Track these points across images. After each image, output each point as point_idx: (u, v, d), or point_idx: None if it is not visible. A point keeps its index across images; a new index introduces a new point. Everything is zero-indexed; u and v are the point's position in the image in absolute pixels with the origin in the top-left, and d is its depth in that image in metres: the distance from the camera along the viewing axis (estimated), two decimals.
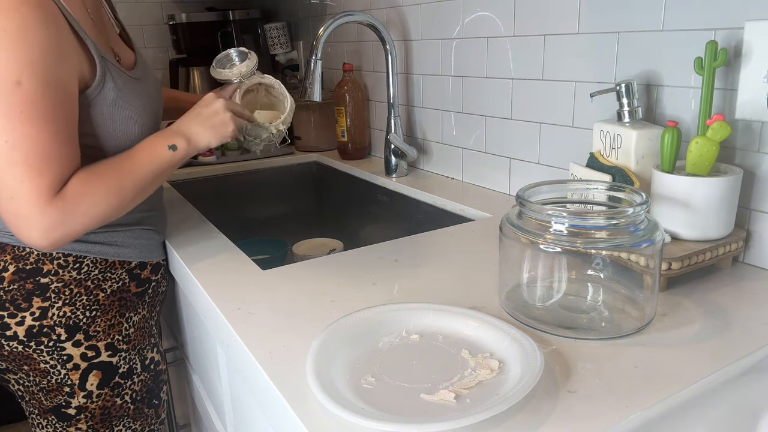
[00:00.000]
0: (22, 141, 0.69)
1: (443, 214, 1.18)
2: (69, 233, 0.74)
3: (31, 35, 0.68)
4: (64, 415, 0.88)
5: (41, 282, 0.83)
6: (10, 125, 0.68)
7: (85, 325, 0.86)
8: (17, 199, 0.70)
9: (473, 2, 1.16)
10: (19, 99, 0.69)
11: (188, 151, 0.85)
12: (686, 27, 0.80)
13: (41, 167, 0.70)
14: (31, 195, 0.70)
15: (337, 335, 0.61)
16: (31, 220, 0.71)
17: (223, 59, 1.05)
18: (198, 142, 0.86)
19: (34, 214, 0.70)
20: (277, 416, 0.58)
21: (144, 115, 0.86)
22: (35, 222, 0.71)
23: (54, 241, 0.73)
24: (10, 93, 0.68)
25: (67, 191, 0.73)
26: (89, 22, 0.82)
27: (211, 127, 0.87)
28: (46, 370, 0.86)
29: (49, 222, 0.71)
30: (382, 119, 1.55)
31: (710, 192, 0.72)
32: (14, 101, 0.68)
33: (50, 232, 0.72)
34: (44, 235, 0.72)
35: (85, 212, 0.74)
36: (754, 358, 0.60)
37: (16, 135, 0.69)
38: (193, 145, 0.86)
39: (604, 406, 0.51)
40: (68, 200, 0.72)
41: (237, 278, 0.81)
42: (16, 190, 0.70)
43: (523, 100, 1.10)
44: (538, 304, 0.68)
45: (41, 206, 0.70)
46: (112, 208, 0.78)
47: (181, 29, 1.92)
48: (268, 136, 1.00)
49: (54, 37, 0.71)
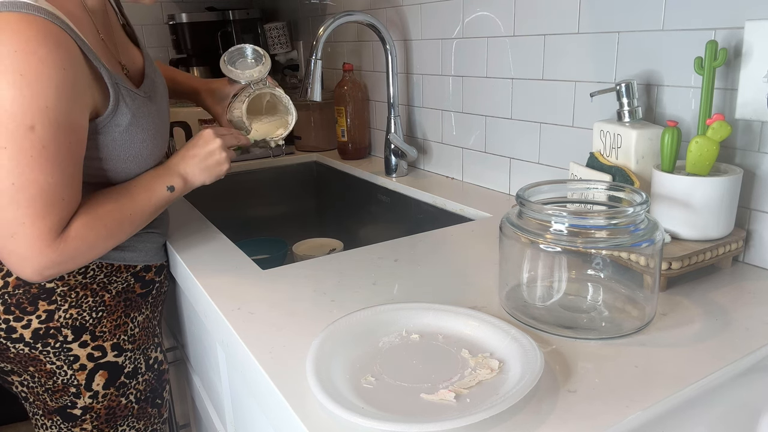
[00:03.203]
0: (29, 185, 0.69)
1: (443, 214, 1.18)
2: (62, 272, 0.75)
3: (46, 79, 0.68)
4: (70, 415, 0.88)
5: (47, 286, 0.83)
6: (18, 169, 0.68)
7: (91, 326, 0.86)
8: (17, 238, 0.70)
9: (473, 2, 1.16)
10: (31, 144, 0.68)
11: (184, 190, 0.88)
12: (686, 27, 0.80)
13: (45, 210, 0.70)
14: (32, 237, 0.70)
15: (337, 335, 0.61)
16: (28, 261, 0.71)
17: (235, 54, 1.03)
18: (194, 182, 0.89)
19: (34, 255, 0.71)
20: (277, 416, 0.58)
21: (156, 136, 0.87)
22: (32, 262, 0.71)
23: (45, 278, 0.74)
24: (22, 138, 0.68)
25: (69, 234, 0.73)
26: (100, 45, 0.82)
27: (206, 169, 0.90)
28: (53, 371, 0.86)
29: (47, 262, 0.72)
30: (382, 119, 1.55)
31: (710, 192, 0.72)
32: (26, 146, 0.68)
33: (45, 270, 0.73)
34: (38, 273, 0.72)
35: (82, 254, 0.76)
36: (754, 357, 0.60)
37: (23, 179, 0.68)
38: (189, 185, 0.89)
39: (604, 406, 0.51)
40: (69, 243, 0.73)
41: (237, 278, 0.81)
42: (17, 230, 0.70)
43: (523, 100, 1.10)
44: (538, 304, 0.68)
45: (41, 248, 0.71)
46: (107, 248, 0.80)
47: (181, 29, 1.92)
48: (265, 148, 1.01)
49: (70, 77, 0.71)
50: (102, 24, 0.85)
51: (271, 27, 1.97)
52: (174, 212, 1.13)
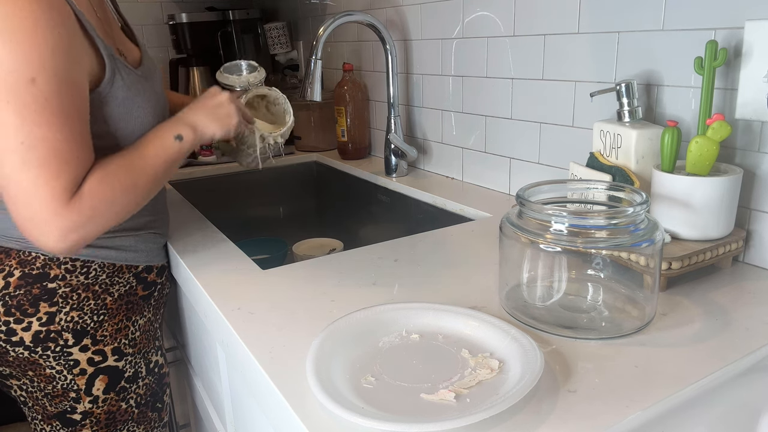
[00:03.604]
0: (38, 143, 0.67)
1: (443, 214, 1.18)
2: (86, 236, 0.72)
3: (42, 38, 0.67)
4: (69, 420, 0.88)
5: (48, 287, 0.82)
6: (26, 126, 0.66)
7: (92, 329, 0.86)
8: (33, 203, 0.67)
9: (473, 2, 1.16)
10: (33, 97, 0.67)
11: (194, 140, 0.84)
12: (686, 27, 0.80)
13: (58, 169, 0.68)
14: (47, 198, 0.67)
15: (337, 335, 0.61)
16: (48, 225, 0.68)
17: (232, 68, 1.05)
18: (203, 131, 0.85)
19: (52, 218, 0.68)
20: (277, 416, 0.58)
21: (152, 114, 0.86)
22: (52, 226, 0.68)
23: (71, 245, 0.71)
24: (24, 91, 0.66)
25: (83, 193, 0.70)
26: (96, 20, 0.81)
27: (216, 118, 0.86)
28: (52, 375, 0.85)
29: (68, 224, 0.69)
30: (382, 119, 1.55)
31: (710, 192, 0.72)
32: (28, 100, 0.66)
33: (68, 235, 0.69)
34: (62, 238, 0.69)
35: (102, 213, 0.72)
36: (754, 357, 0.60)
37: (32, 137, 0.67)
38: (199, 135, 0.85)
39: (604, 406, 0.51)
40: (84, 201, 0.70)
41: (237, 278, 0.81)
42: (32, 194, 0.67)
43: (523, 100, 1.10)
44: (538, 304, 0.68)
45: (58, 209, 0.68)
46: (127, 206, 0.76)
47: (181, 29, 1.91)
48: (263, 147, 1.00)
49: (65, 38, 0.70)
50: (100, 8, 0.85)
51: (271, 27, 1.97)
52: (174, 212, 1.13)
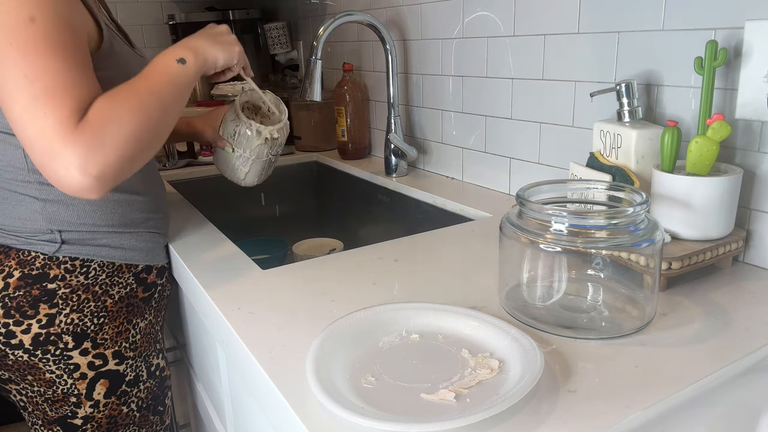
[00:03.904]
0: (41, 74, 0.66)
1: (443, 214, 1.18)
2: (107, 162, 0.68)
3: None
4: (70, 425, 0.87)
5: (48, 288, 0.82)
6: (28, 60, 0.66)
7: (92, 332, 0.85)
8: (46, 134, 0.66)
9: (473, 2, 1.16)
10: (34, 34, 0.67)
11: (197, 65, 0.80)
12: (686, 27, 0.80)
13: (64, 95, 0.67)
14: (56, 125, 0.66)
15: (337, 335, 0.61)
16: (64, 156, 0.66)
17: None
18: (206, 56, 0.82)
19: (64, 148, 0.66)
20: (277, 416, 0.58)
21: None
22: (69, 155, 0.66)
23: (96, 176, 0.67)
24: (24, 28, 0.66)
25: (90, 116, 0.68)
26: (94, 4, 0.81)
27: (218, 43, 0.84)
28: (52, 380, 0.85)
29: (82, 151, 0.66)
30: (382, 119, 1.55)
31: (710, 192, 0.72)
32: (29, 36, 0.66)
33: (88, 163, 0.66)
34: (83, 169, 0.66)
35: (113, 136, 0.69)
36: (754, 357, 0.60)
37: (34, 68, 0.66)
38: (201, 59, 0.81)
39: (604, 406, 0.51)
40: (94, 124, 0.68)
41: (237, 278, 0.81)
42: (43, 125, 0.66)
43: (523, 100, 1.10)
44: (538, 304, 0.68)
45: (69, 135, 0.66)
46: (140, 127, 0.72)
47: (181, 29, 1.92)
48: (259, 147, 0.99)
49: None
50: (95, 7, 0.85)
51: (271, 27, 1.97)
52: (174, 212, 1.13)
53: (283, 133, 1.03)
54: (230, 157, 1.02)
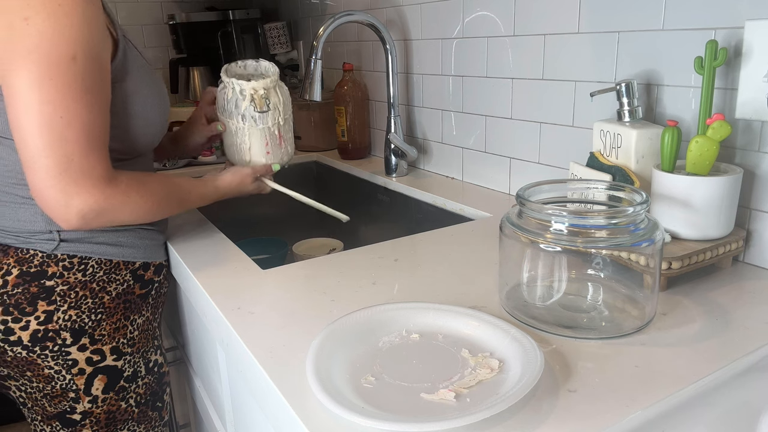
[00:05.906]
0: (75, 119, 0.70)
1: (443, 214, 1.18)
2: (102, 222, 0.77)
3: (81, 11, 0.70)
4: (69, 420, 0.88)
5: (46, 285, 0.82)
6: (65, 102, 0.69)
7: (90, 328, 0.86)
8: (66, 175, 0.71)
9: (473, 2, 1.16)
10: (74, 74, 0.70)
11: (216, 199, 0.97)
12: (686, 26, 0.80)
13: (90, 146, 0.72)
14: (80, 173, 0.72)
15: (337, 335, 0.61)
16: (76, 198, 0.72)
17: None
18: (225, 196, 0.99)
19: (81, 192, 0.72)
20: (277, 416, 0.58)
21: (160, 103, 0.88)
22: (80, 200, 0.72)
23: (85, 224, 0.75)
24: (66, 66, 0.69)
25: (120, 182, 0.76)
26: None
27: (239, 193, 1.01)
28: (51, 375, 0.85)
29: (93, 204, 0.73)
30: (382, 119, 1.55)
31: (710, 191, 0.72)
32: (69, 76, 0.69)
33: (88, 213, 0.74)
34: (81, 214, 0.73)
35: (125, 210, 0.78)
36: (754, 357, 0.60)
37: (70, 112, 0.70)
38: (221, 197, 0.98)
39: (604, 406, 0.51)
40: (117, 190, 0.75)
41: (237, 278, 0.81)
42: (66, 167, 0.71)
43: (523, 100, 1.10)
44: (538, 304, 0.68)
45: (87, 187, 0.72)
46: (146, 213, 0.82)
47: (181, 29, 1.91)
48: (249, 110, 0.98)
49: (98, 11, 0.73)
50: None
51: (271, 27, 1.97)
52: None
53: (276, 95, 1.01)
54: (230, 137, 1.02)
